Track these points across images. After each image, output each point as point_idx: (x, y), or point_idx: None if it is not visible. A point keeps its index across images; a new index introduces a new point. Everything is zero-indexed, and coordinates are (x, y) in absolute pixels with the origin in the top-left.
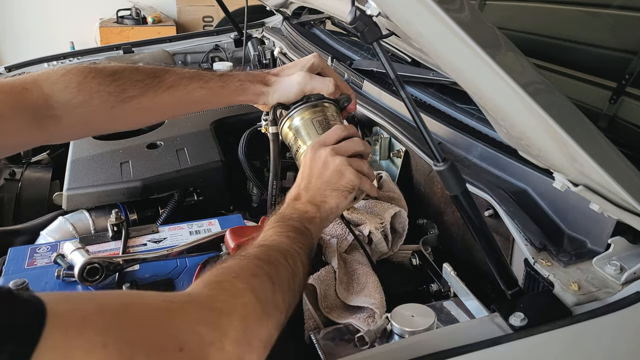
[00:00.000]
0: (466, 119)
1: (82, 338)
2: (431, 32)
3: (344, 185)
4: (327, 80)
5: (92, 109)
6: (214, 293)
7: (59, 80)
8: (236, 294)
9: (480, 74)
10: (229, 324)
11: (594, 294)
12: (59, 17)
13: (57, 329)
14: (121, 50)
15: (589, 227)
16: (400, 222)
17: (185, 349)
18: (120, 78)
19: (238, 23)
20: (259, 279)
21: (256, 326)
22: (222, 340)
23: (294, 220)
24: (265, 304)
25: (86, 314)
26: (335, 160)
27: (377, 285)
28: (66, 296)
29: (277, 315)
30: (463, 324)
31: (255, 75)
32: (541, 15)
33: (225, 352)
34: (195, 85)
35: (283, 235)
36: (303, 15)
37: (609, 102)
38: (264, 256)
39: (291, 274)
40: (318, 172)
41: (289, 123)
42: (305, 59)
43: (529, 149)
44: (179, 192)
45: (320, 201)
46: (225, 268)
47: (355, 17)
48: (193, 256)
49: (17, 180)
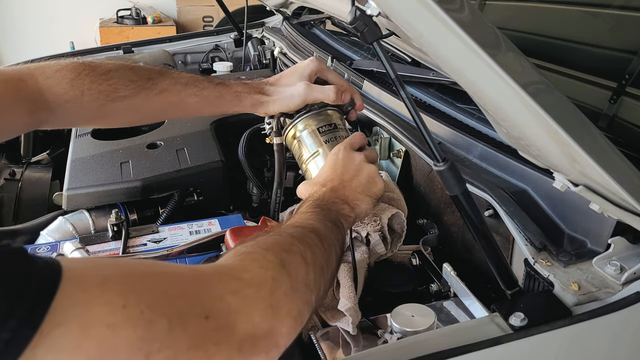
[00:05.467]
0: (466, 119)
1: (102, 297)
2: (431, 32)
3: (375, 193)
4: (327, 89)
5: (82, 105)
6: (244, 264)
7: (53, 75)
8: (267, 266)
9: (480, 74)
10: (258, 295)
11: (594, 294)
12: (59, 17)
13: (75, 287)
14: (121, 50)
15: (589, 227)
16: (399, 223)
17: (211, 317)
18: (112, 77)
19: (238, 23)
20: (291, 255)
21: (286, 300)
22: (250, 311)
23: (332, 212)
24: (295, 281)
25: (108, 275)
26: (370, 168)
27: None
28: (86, 259)
29: (307, 293)
30: (463, 324)
31: (253, 85)
32: (541, 15)
33: (253, 323)
34: (189, 92)
35: (321, 222)
36: (303, 15)
37: (609, 102)
38: (299, 236)
39: (325, 258)
40: (352, 174)
41: (294, 131)
42: (303, 65)
43: (529, 149)
44: (179, 192)
45: (355, 204)
46: (257, 241)
47: (355, 17)
48: (193, 256)
49: (17, 180)
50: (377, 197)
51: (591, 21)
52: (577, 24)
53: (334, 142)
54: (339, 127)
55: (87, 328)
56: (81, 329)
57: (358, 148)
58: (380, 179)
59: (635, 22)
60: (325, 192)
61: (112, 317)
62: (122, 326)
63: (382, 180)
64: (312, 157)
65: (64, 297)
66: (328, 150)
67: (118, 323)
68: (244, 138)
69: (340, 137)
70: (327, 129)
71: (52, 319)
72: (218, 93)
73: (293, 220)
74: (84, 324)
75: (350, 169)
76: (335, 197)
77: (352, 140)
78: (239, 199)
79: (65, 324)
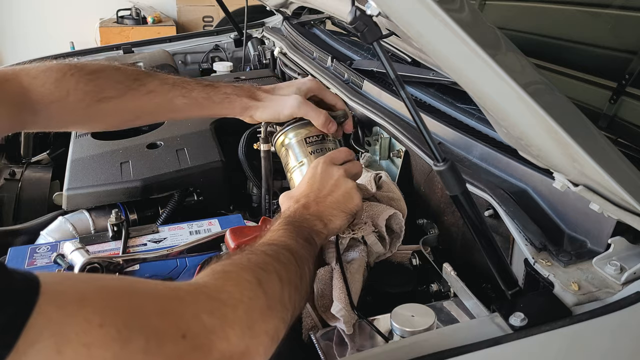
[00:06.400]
0: (466, 119)
1: (79, 315)
2: (431, 32)
3: (351, 209)
4: (319, 111)
5: (67, 106)
6: (220, 283)
7: (38, 76)
8: (243, 285)
9: (480, 74)
10: (234, 315)
11: (594, 294)
12: (59, 17)
13: (52, 305)
14: (121, 50)
15: (589, 227)
16: (397, 223)
17: (189, 336)
18: (99, 78)
19: (238, 23)
20: (266, 273)
21: (262, 319)
22: (226, 330)
23: (304, 229)
24: (271, 299)
25: (85, 292)
26: (348, 183)
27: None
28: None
29: (283, 311)
30: (463, 324)
31: (243, 88)
32: (541, 15)
33: (230, 342)
34: (177, 94)
35: (292, 239)
36: (303, 15)
37: (609, 102)
38: (273, 254)
39: (299, 275)
40: (329, 190)
41: (283, 138)
42: (302, 81)
43: (529, 149)
44: (179, 192)
45: (328, 219)
46: (232, 260)
47: (355, 17)
48: (193, 256)
49: (17, 180)
50: (353, 213)
51: (591, 21)
52: (577, 24)
53: (320, 153)
54: (328, 139)
55: (63, 346)
56: (56, 348)
57: (342, 162)
58: (358, 195)
59: (635, 22)
60: (297, 208)
61: (88, 336)
62: (98, 345)
63: (359, 196)
64: (297, 167)
65: (40, 315)
66: (313, 161)
67: (94, 342)
68: (244, 138)
69: (327, 149)
70: (315, 140)
71: (27, 338)
72: (206, 95)
73: (266, 237)
74: (59, 342)
75: (327, 184)
76: (308, 213)
77: (334, 155)
78: (239, 199)
79: (41, 343)
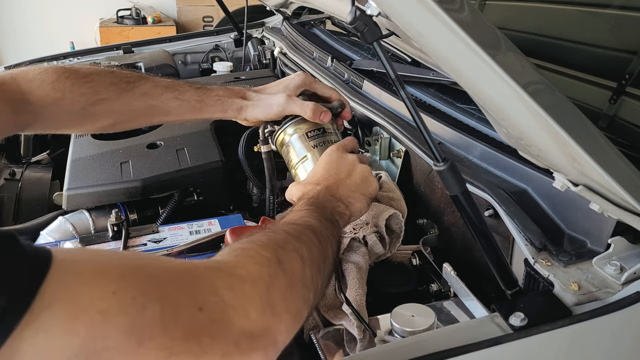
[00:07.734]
0: (466, 119)
1: (95, 282)
2: (431, 32)
3: (370, 193)
4: (306, 105)
5: (63, 108)
6: (239, 260)
7: (35, 78)
8: (262, 263)
9: (480, 74)
10: (254, 291)
11: (594, 294)
12: (59, 17)
13: (67, 272)
14: (121, 50)
15: (589, 227)
16: (397, 223)
17: (205, 309)
18: (93, 80)
19: (238, 23)
20: (287, 252)
21: (282, 297)
22: (245, 307)
23: (327, 210)
24: (292, 278)
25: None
26: (364, 167)
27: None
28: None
29: (304, 291)
30: (463, 324)
31: (235, 90)
32: (541, 15)
33: (250, 319)
34: (170, 96)
35: (316, 218)
36: (303, 15)
37: (609, 102)
38: (294, 233)
39: (322, 255)
40: (346, 173)
41: (283, 135)
42: (289, 78)
43: (529, 149)
44: (179, 192)
45: (349, 202)
46: (252, 238)
47: (355, 17)
48: (193, 256)
49: (17, 180)
50: (372, 196)
51: (591, 21)
52: (577, 24)
53: (323, 146)
54: (329, 132)
55: (78, 312)
56: (71, 313)
57: (350, 151)
58: (374, 179)
59: (635, 22)
60: (320, 190)
61: (104, 302)
62: (113, 312)
63: (376, 180)
64: (300, 162)
65: (55, 280)
66: (317, 154)
67: (109, 309)
68: (244, 138)
69: (330, 142)
70: (316, 134)
71: (42, 301)
72: (199, 97)
73: (288, 217)
74: (74, 308)
75: (344, 168)
76: (330, 195)
77: (345, 142)
78: (239, 199)
79: (55, 306)
